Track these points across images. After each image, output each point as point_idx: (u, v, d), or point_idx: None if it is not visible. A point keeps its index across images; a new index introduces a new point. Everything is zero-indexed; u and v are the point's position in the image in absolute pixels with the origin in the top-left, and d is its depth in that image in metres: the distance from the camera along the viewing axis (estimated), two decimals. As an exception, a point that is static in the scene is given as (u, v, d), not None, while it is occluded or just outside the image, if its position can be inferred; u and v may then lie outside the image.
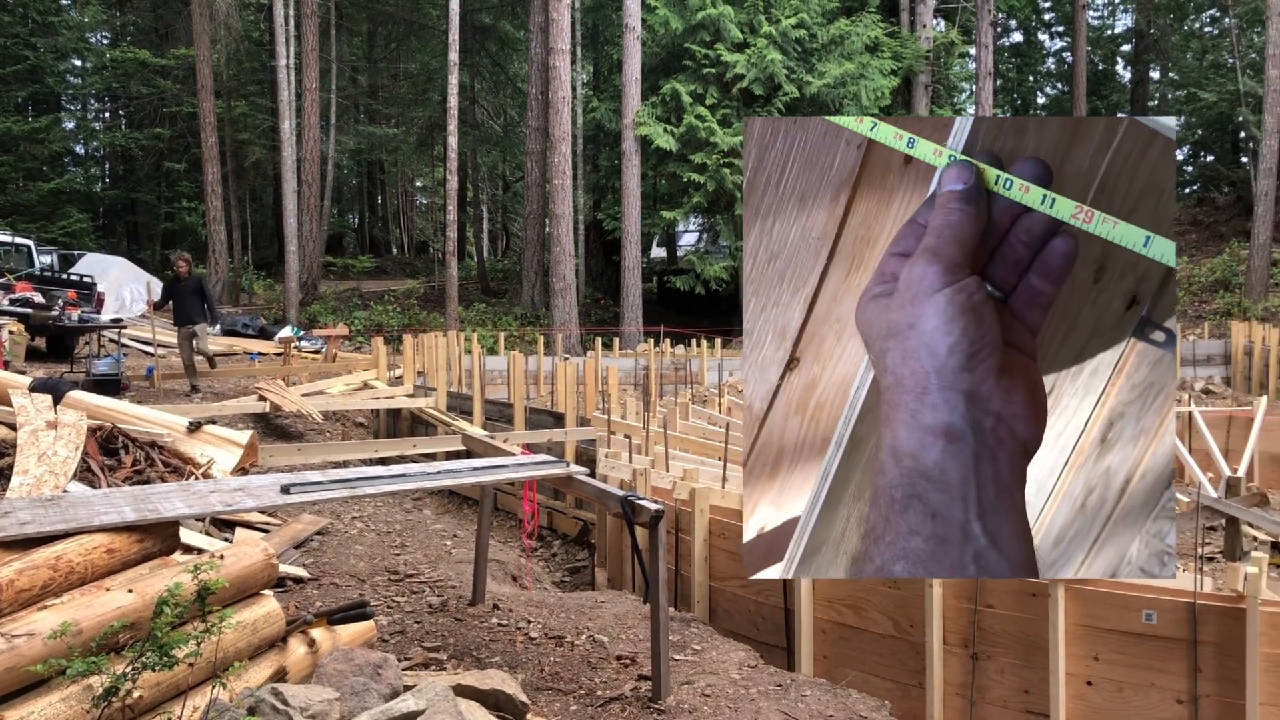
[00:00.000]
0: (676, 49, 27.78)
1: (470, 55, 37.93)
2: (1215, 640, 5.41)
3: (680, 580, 7.69)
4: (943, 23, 35.07)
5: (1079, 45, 35.14)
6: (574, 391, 12.55)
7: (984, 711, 6.01)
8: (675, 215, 28.52)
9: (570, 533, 11.06)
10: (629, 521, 5.07)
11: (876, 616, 6.40)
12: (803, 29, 27.08)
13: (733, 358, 21.55)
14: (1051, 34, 48.35)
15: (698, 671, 5.52)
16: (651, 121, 26.48)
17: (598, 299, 34.20)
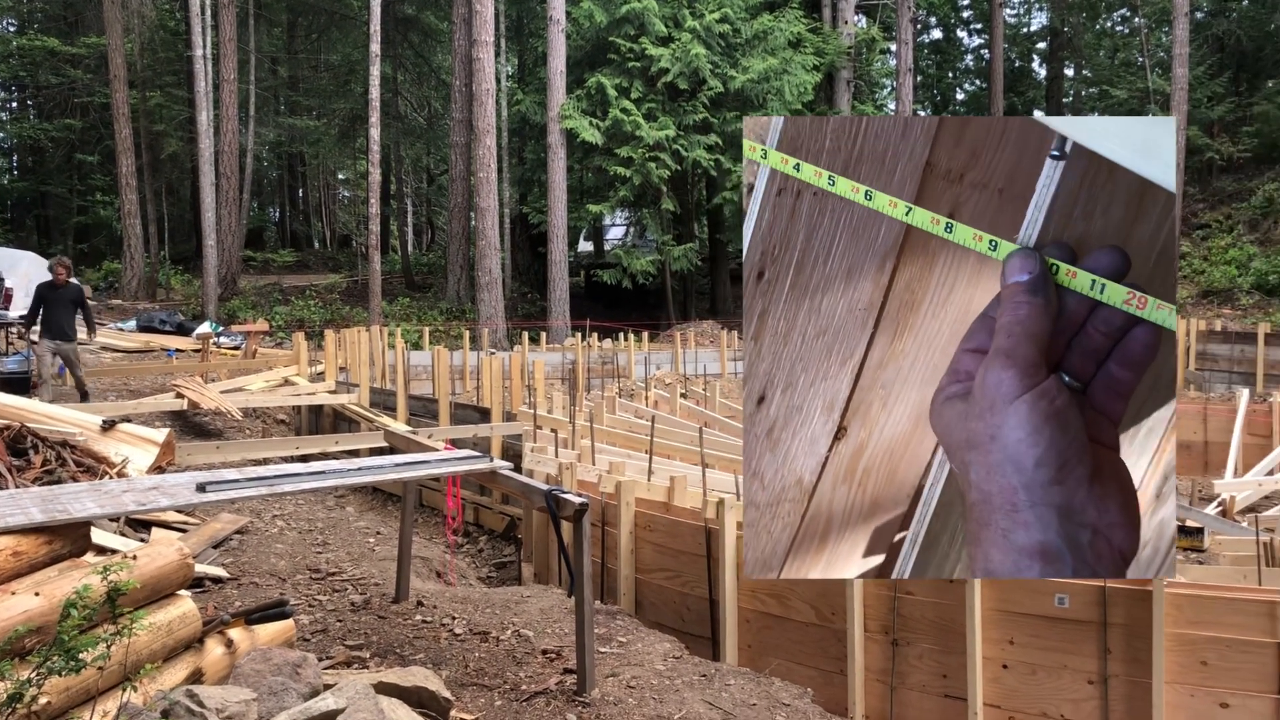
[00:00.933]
0: (601, 42, 27.75)
1: (393, 47, 37.46)
2: (1124, 622, 5.58)
3: (606, 573, 7.71)
4: (864, 19, 35.53)
5: (996, 43, 35.88)
6: (500, 386, 12.49)
7: (904, 696, 6.13)
8: (602, 209, 28.51)
9: (497, 528, 11.02)
10: (553, 516, 5.07)
11: (800, 605, 6.49)
12: (727, 24, 27.22)
13: (660, 351, 21.62)
14: (970, 31, 49.25)
15: (623, 664, 5.54)
16: (577, 115, 26.42)
17: (524, 293, 34.05)
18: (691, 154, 26.87)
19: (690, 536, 7.02)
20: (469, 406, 12.93)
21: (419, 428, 11.22)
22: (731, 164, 27.60)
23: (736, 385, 17.88)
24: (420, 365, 18.39)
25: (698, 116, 27.01)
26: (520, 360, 15.04)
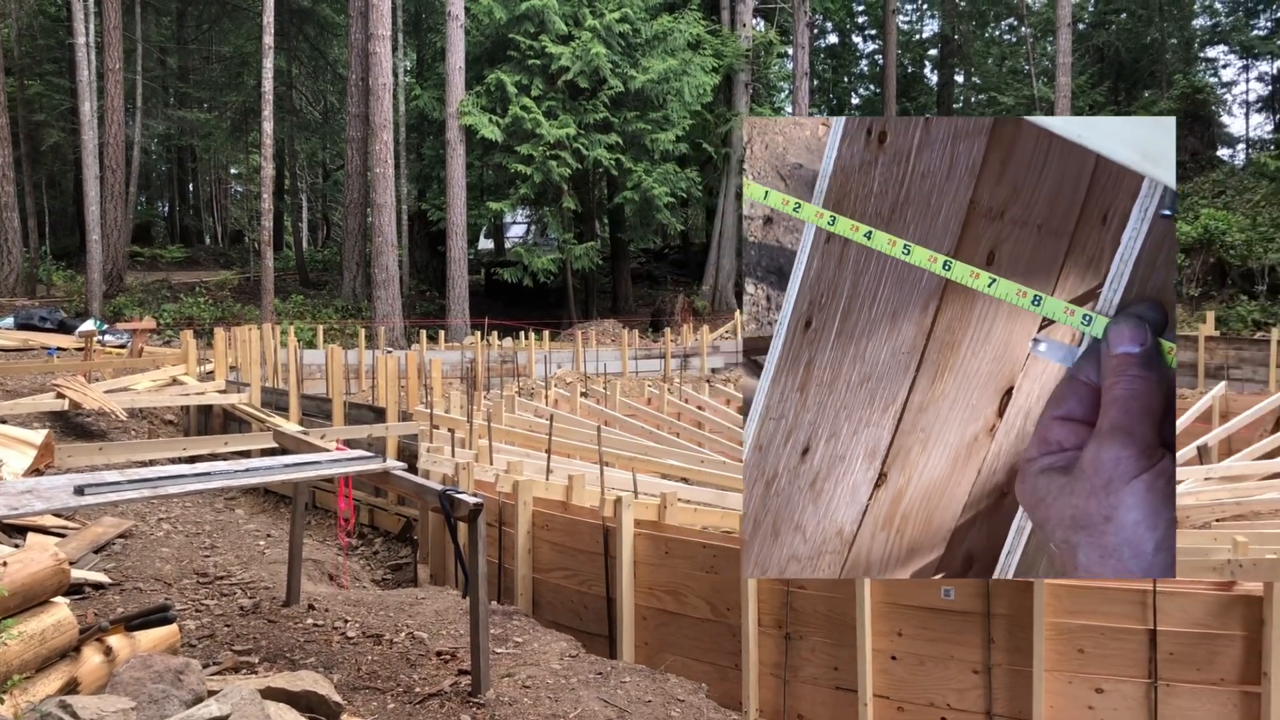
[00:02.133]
0: (501, 39, 27.57)
1: (287, 39, 36.64)
2: (1007, 613, 5.76)
3: (504, 573, 7.67)
4: (762, 22, 35.98)
5: (889, 48, 36.69)
6: (396, 385, 12.33)
7: (797, 689, 6.23)
8: (502, 206, 28.34)
9: (393, 529, 10.87)
10: (448, 516, 5.02)
11: (695, 602, 6.55)
12: (627, 24, 27.30)
13: (561, 350, 21.58)
14: (865, 37, 50.25)
15: (519, 664, 5.52)
16: (476, 111, 26.21)
17: (423, 291, 33.64)
18: (592, 153, 26.87)
19: (588, 535, 7.03)
20: (364, 406, 12.72)
21: (312, 428, 11.00)
22: (632, 163, 27.68)
23: (637, 384, 17.95)
24: (314, 364, 18.03)
25: (598, 115, 27.03)
26: (417, 359, 14.87)
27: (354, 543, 10.50)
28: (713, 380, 19.78)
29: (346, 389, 15.66)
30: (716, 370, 22.52)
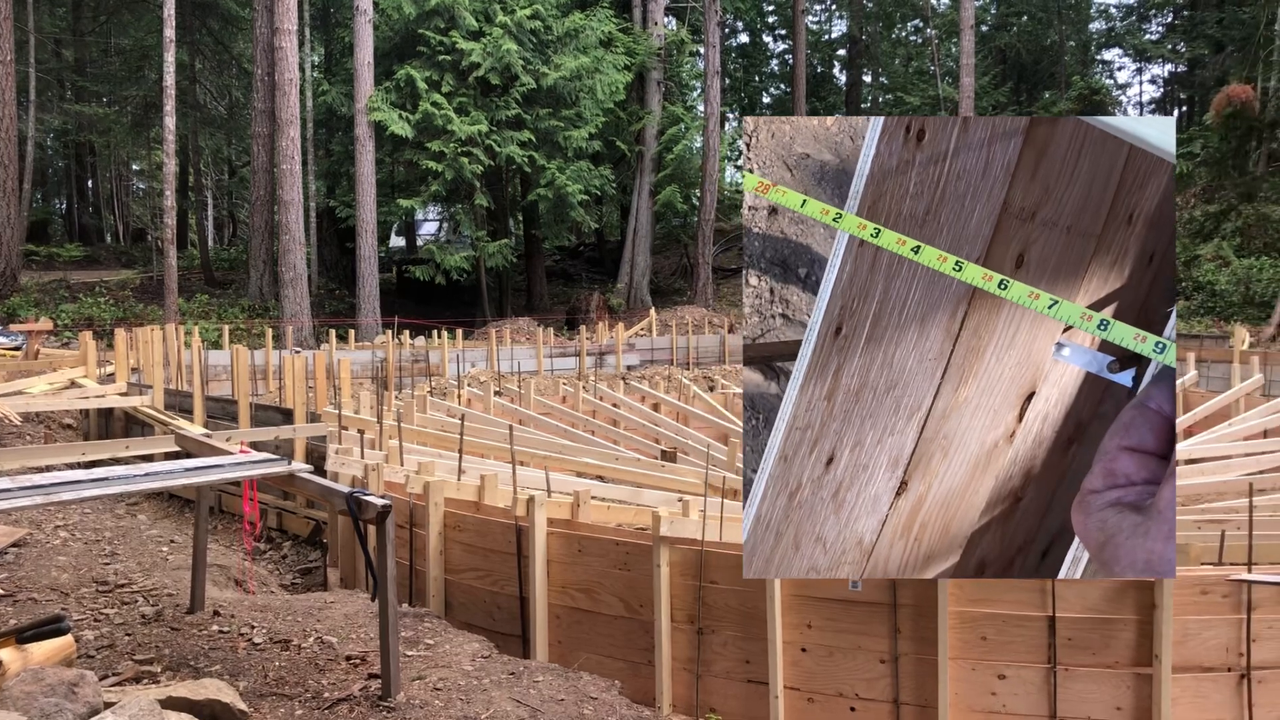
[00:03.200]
0: (411, 34, 27.25)
1: (190, 32, 35.71)
2: (912, 603, 5.88)
3: (415, 575, 7.59)
4: (674, 21, 36.13)
5: (799, 48, 37.12)
6: (304, 386, 12.11)
7: (709, 684, 6.28)
8: (413, 204, 28.01)
9: (302, 533, 10.68)
10: (355, 519, 4.95)
11: (609, 599, 6.56)
12: (538, 20, 27.19)
13: (474, 349, 21.41)
14: (775, 37, 50.78)
15: (430, 666, 5.47)
16: (386, 107, 25.87)
17: (332, 290, 33.09)
18: (505, 150, 26.71)
19: (500, 535, 6.99)
20: (271, 408, 12.47)
21: (217, 430, 10.75)
22: (545, 161, 27.59)
23: (553, 382, 17.91)
24: (220, 365, 17.62)
25: (511, 112, 26.88)
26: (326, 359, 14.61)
27: (261, 547, 10.30)
28: (628, 378, 19.82)
29: (253, 390, 15.35)
30: (632, 368, 22.58)
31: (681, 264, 37.56)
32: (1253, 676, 5.62)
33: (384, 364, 18.59)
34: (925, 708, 5.85)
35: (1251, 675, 5.62)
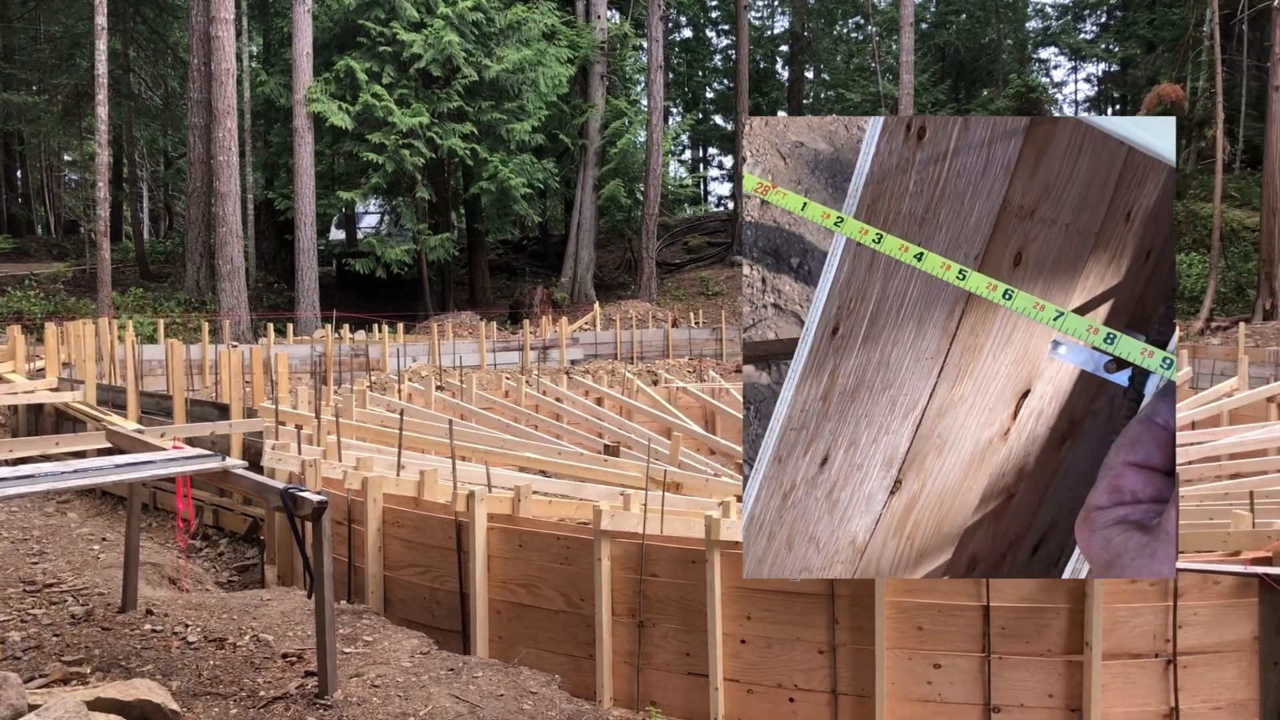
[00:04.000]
0: (351, 25, 26.93)
1: (123, 20, 34.94)
2: (850, 594, 5.94)
3: (354, 571, 7.52)
4: (617, 14, 36.10)
5: (742, 44, 37.25)
6: (241, 381, 11.93)
7: (650, 676, 6.30)
8: (353, 196, 27.72)
9: (239, 530, 10.53)
10: (290, 515, 4.89)
11: (549, 593, 6.55)
12: (480, 12, 27.02)
13: (416, 343, 21.24)
14: (718, 32, 50.94)
15: (368, 663, 5.43)
16: (325, 98, 25.54)
17: (271, 283, 32.62)
18: (447, 142, 26.51)
19: (440, 531, 6.95)
20: (207, 403, 12.27)
21: (152, 426, 10.55)
22: (488, 154, 27.43)
23: (495, 377, 17.83)
24: (155, 360, 17.31)
25: (452, 104, 26.67)
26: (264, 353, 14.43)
27: (197, 544, 10.14)
28: (571, 372, 19.79)
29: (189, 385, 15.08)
30: (576, 362, 22.54)
31: (626, 258, 37.56)
32: (1179, 662, 5.77)
33: (323, 359, 18.37)
34: (863, 697, 5.92)
35: (1178, 661, 5.77)
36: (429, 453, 10.47)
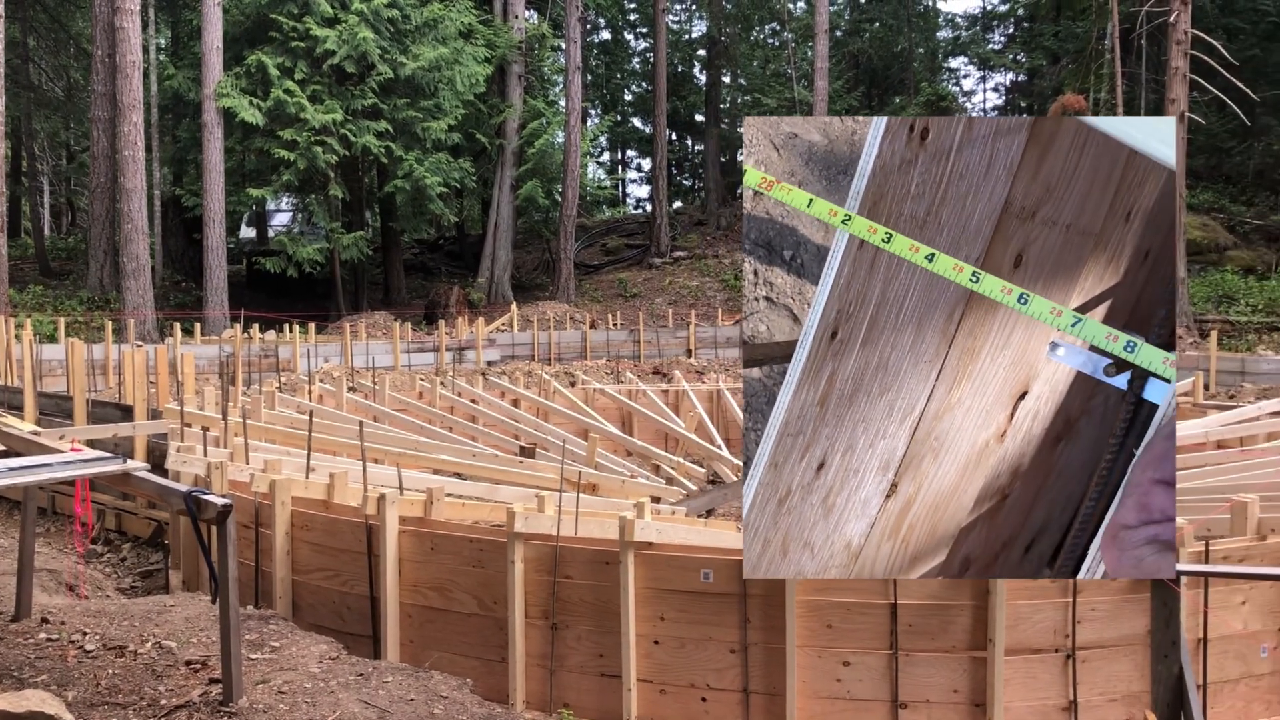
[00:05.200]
0: (263, 19, 26.40)
1: (22, 7, 33.78)
2: (762, 593, 6.01)
3: (262, 576, 7.38)
4: (535, 15, 35.99)
5: (660, 47, 37.41)
6: (145, 381, 11.62)
7: (563, 679, 6.30)
8: (264, 193, 27.19)
9: (143, 534, 10.26)
10: (194, 519, 4.78)
11: (462, 597, 6.51)
12: (395, 9, 26.71)
13: (328, 343, 20.90)
14: (636, 35, 51.06)
15: (275, 669, 5.33)
16: (235, 94, 25.01)
17: (178, 282, 31.83)
18: (361, 140, 26.15)
19: (350, 534, 6.86)
20: (109, 404, 11.94)
21: (50, 428, 10.21)
22: (403, 152, 27.12)
23: (410, 378, 17.63)
24: (55, 360, 16.76)
25: (367, 102, 26.32)
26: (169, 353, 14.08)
27: (98, 549, 9.85)
28: (488, 374, 19.67)
29: (92, 386, 14.62)
30: (492, 363, 22.40)
31: (543, 259, 37.44)
32: (1077, 656, 5.94)
33: (231, 359, 17.98)
34: (774, 695, 6.00)
35: (1076, 655, 5.94)
36: (340, 455, 10.31)
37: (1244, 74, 25.11)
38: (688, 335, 25.03)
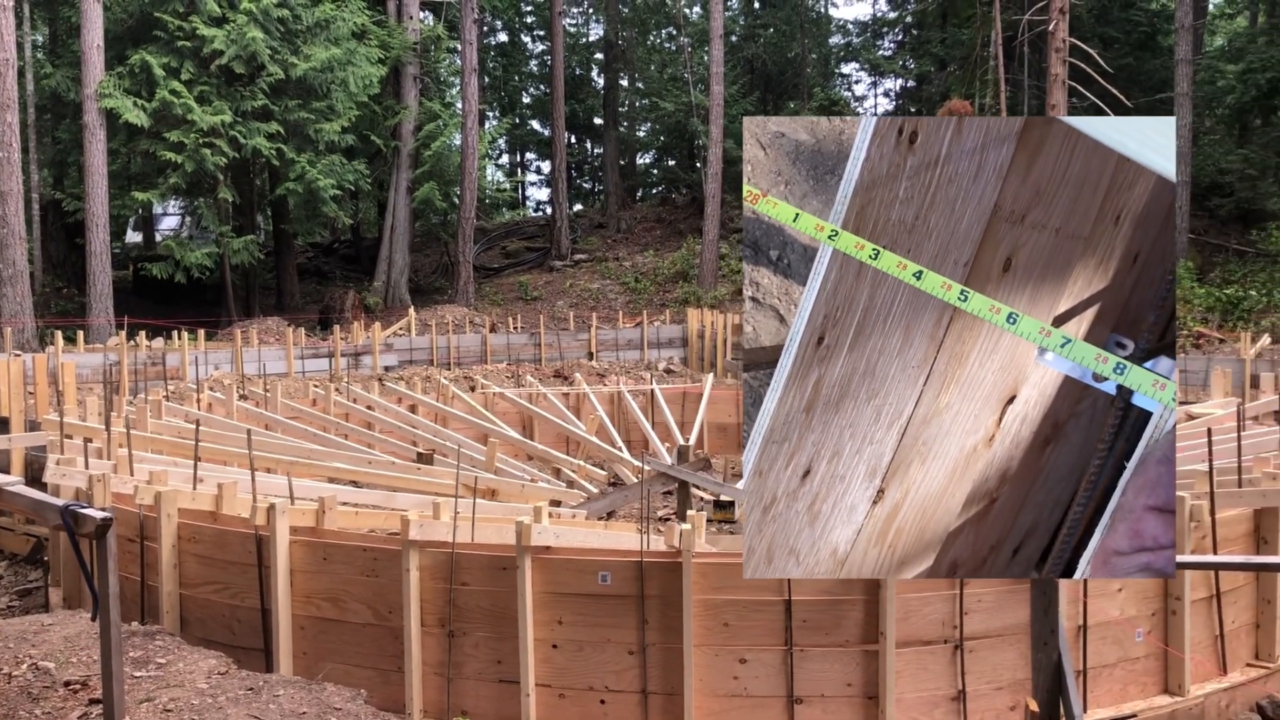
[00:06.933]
0: (146, 17, 25.63)
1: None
2: (659, 593, 6.06)
3: (148, 591, 7.17)
4: (430, 16, 35.62)
5: (557, 50, 37.36)
6: (22, 392, 11.18)
7: (461, 686, 6.26)
8: (150, 197, 26.38)
9: (21, 551, 9.87)
10: (71, 534, 4.63)
11: (356, 607, 6.42)
12: (286, 9, 26.18)
13: (218, 350, 20.37)
14: (534, 37, 50.88)
15: (161, 686, 5.19)
16: (118, 94, 24.21)
17: (60, 288, 30.67)
18: (251, 141, 25.55)
19: (239, 545, 6.71)
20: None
21: (-81, 443, 9.78)
22: (295, 154, 26.58)
23: (303, 385, 17.29)
24: (-76, 371, 15.99)
25: (257, 103, 25.74)
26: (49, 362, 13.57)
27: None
28: (385, 379, 19.40)
29: (-36, 398, 13.99)
30: (390, 368, 22.10)
31: (442, 262, 37.05)
32: (965, 647, 6.12)
33: (117, 368, 17.41)
34: (672, 695, 6.04)
35: (964, 646, 6.11)
36: (230, 465, 10.07)
37: (1118, 81, 26.14)
38: (589, 338, 25.04)
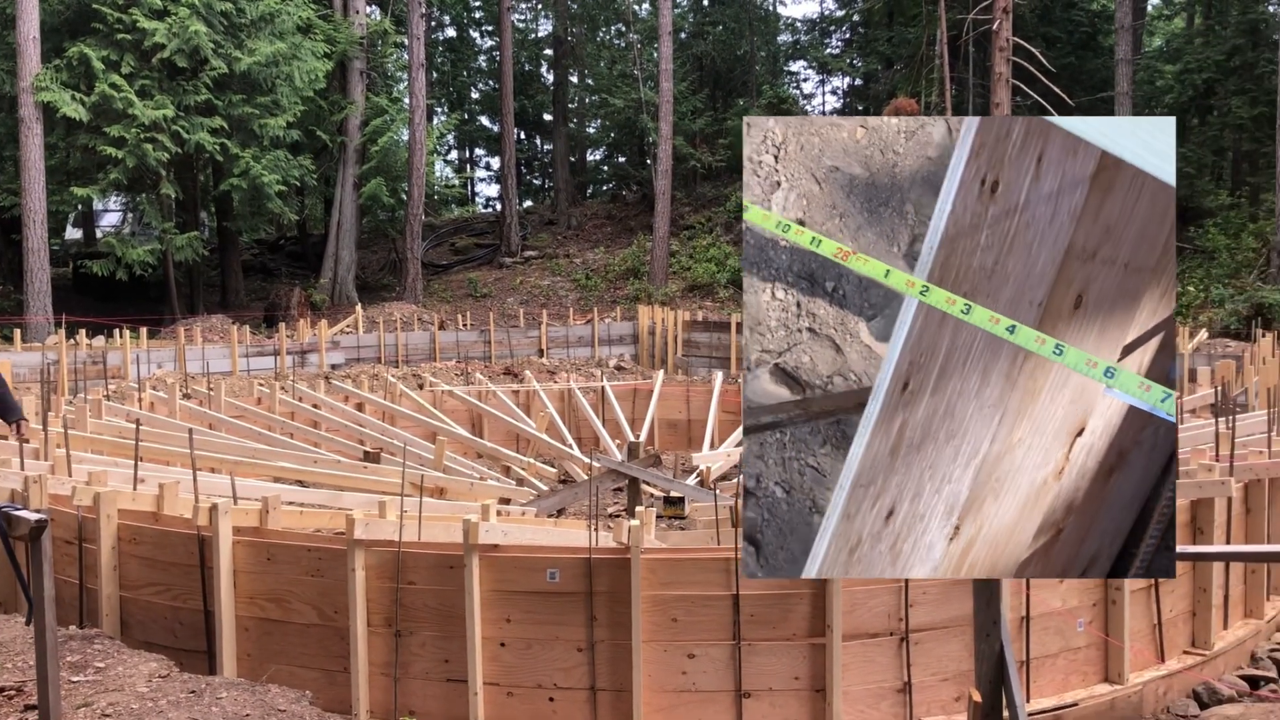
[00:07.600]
0: (85, 9, 25.09)
1: None
2: (608, 590, 6.07)
3: (87, 594, 7.03)
4: (377, 10, 35.28)
5: (505, 45, 37.18)
6: (-44, 392, 10.90)
7: (408, 686, 6.22)
8: (90, 192, 25.89)
9: (-45, 555, 9.62)
10: (4, 536, 4.52)
11: (301, 607, 6.35)
12: (229, 2, 25.79)
13: (161, 349, 20.03)
14: (482, 32, 50.59)
15: (100, 691, 5.09)
16: (56, 87, 23.70)
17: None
18: (194, 136, 25.15)
19: (181, 546, 6.60)
20: (-84, 417, 11.15)
21: None
22: (239, 149, 26.20)
23: (248, 384, 17.05)
24: None
25: (200, 97, 25.33)
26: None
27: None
28: (332, 377, 19.20)
29: (-105, 398, 13.63)
30: (336, 366, 21.88)
31: (390, 259, 36.70)
32: (910, 639, 6.20)
33: (56, 366, 17.05)
34: (621, 692, 6.06)
35: (910, 638, 6.20)
36: (173, 465, 9.92)
37: (1061, 80, 26.53)
38: (539, 335, 24.96)
